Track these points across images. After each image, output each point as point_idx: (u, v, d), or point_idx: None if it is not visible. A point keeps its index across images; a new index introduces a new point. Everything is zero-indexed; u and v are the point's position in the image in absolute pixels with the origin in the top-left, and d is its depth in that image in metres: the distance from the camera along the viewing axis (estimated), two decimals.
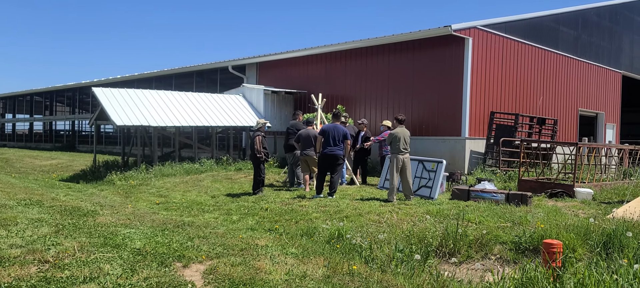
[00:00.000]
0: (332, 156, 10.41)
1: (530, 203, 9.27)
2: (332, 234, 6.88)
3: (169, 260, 4.98)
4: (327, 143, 10.41)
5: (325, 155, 10.45)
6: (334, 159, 10.43)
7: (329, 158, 10.44)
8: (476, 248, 6.81)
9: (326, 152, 10.42)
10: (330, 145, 10.39)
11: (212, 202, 10.28)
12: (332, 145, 10.39)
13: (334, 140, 10.38)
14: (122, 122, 14.58)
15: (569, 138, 18.87)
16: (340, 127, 10.58)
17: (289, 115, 18.83)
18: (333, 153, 10.39)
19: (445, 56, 15.15)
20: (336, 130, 10.45)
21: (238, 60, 21.46)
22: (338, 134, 10.42)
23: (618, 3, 21.92)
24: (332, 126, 10.56)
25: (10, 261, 4.59)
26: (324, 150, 10.46)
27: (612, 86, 21.88)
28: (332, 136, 10.39)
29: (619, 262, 5.39)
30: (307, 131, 11.28)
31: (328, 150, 10.40)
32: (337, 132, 10.42)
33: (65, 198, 9.10)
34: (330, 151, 10.39)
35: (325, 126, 10.72)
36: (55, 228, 6.02)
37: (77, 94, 33.93)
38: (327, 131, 10.47)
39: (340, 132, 10.45)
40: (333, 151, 10.39)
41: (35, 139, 38.40)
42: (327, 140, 10.41)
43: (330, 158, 10.43)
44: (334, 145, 10.38)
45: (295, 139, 11.55)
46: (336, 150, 10.39)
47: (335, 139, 10.38)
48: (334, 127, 10.50)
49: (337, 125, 10.57)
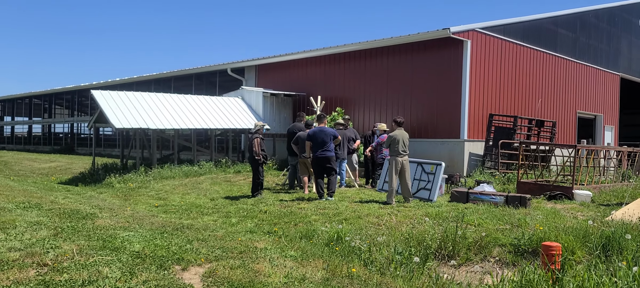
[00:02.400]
0: (323, 158, 10.50)
1: (529, 206, 9.28)
2: (331, 237, 6.89)
3: (167, 263, 4.97)
4: (317, 147, 10.49)
5: (317, 158, 10.54)
6: (325, 161, 10.51)
7: (321, 161, 10.52)
8: (475, 251, 6.81)
9: (317, 156, 10.51)
10: (320, 148, 10.46)
11: (211, 204, 10.27)
12: (322, 148, 10.45)
13: (323, 143, 10.45)
14: (121, 125, 14.57)
15: (568, 140, 18.89)
16: (328, 129, 10.70)
17: (288, 117, 18.83)
18: (324, 155, 10.49)
19: (444, 58, 15.17)
20: (323, 132, 10.53)
21: (237, 63, 21.47)
22: (326, 136, 10.50)
23: (616, 5, 21.98)
24: (318, 129, 10.66)
25: (8, 264, 4.57)
26: (314, 154, 10.55)
27: (611, 88, 21.92)
28: (320, 139, 10.48)
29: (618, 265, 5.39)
30: (305, 134, 11.31)
31: (319, 154, 10.49)
32: (325, 134, 10.50)
33: (64, 201, 9.08)
34: (321, 154, 10.48)
35: (311, 131, 10.81)
36: (54, 231, 6.01)
37: (76, 97, 33.89)
38: (314, 135, 10.57)
39: (328, 134, 10.54)
40: (324, 154, 10.48)
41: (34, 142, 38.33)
42: (316, 145, 10.49)
43: (322, 160, 10.52)
44: (323, 147, 10.44)
45: (293, 141, 11.57)
46: (327, 152, 10.49)
47: (324, 141, 10.46)
48: (320, 130, 10.59)
49: (324, 128, 10.68)
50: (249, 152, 11.51)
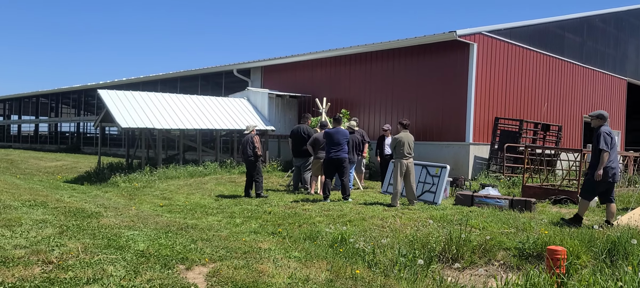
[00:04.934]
0: (337, 160, 10.52)
1: (534, 210, 9.24)
2: (335, 238, 6.88)
3: (172, 262, 4.99)
4: (331, 147, 10.50)
5: (330, 159, 10.56)
6: (339, 162, 10.54)
7: (335, 162, 10.55)
8: (480, 254, 6.79)
9: (331, 156, 10.52)
10: (334, 149, 10.48)
11: (215, 204, 10.29)
12: (337, 149, 10.47)
13: (338, 144, 10.46)
14: (126, 124, 14.63)
15: (574, 144, 18.81)
16: (342, 130, 10.71)
17: (293, 118, 18.84)
18: (338, 156, 10.51)
19: (449, 62, 15.15)
20: (339, 134, 10.58)
21: (243, 64, 21.51)
22: (341, 137, 10.52)
23: (623, 10, 21.88)
24: (334, 130, 10.69)
25: (14, 261, 4.60)
26: (328, 154, 10.56)
27: (618, 93, 21.80)
28: (335, 140, 10.51)
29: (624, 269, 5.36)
30: (320, 134, 11.35)
31: (333, 154, 10.50)
32: (340, 136, 10.53)
33: (69, 200, 9.13)
34: (336, 155, 10.51)
35: (328, 130, 10.85)
36: (59, 229, 6.04)
37: (83, 96, 34.07)
38: (332, 135, 10.57)
39: (343, 136, 10.55)
40: (338, 155, 10.51)
41: (40, 141, 38.54)
42: (331, 144, 10.50)
43: (335, 162, 10.55)
44: (338, 148, 10.47)
45: (310, 143, 11.53)
46: (341, 153, 10.51)
47: (339, 142, 10.48)
48: (336, 131, 10.63)
49: (339, 129, 10.71)
50: (243, 153, 11.48)
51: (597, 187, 7.88)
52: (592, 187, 7.94)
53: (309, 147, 11.54)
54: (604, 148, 7.63)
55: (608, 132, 7.77)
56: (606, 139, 7.68)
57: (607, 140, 7.68)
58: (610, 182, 7.87)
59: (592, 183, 7.88)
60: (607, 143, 7.66)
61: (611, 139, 7.75)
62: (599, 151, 7.69)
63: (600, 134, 7.71)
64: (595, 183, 7.82)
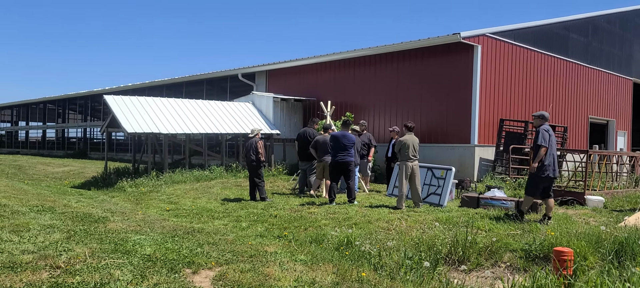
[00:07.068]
0: (343, 163, 10.51)
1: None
2: (341, 241, 6.89)
3: (178, 266, 5.01)
4: (338, 150, 10.49)
5: (336, 162, 10.55)
6: (345, 166, 10.53)
7: (340, 166, 10.54)
8: (486, 256, 6.78)
9: (337, 160, 10.51)
10: (340, 153, 10.47)
11: (221, 208, 10.32)
12: (343, 153, 10.47)
13: (344, 147, 10.46)
14: (133, 130, 14.70)
15: (580, 146, 18.72)
16: (350, 134, 10.68)
17: (298, 122, 18.86)
18: (344, 160, 10.50)
19: (454, 63, 15.13)
20: (346, 138, 10.55)
21: (248, 68, 21.57)
22: (348, 141, 10.51)
23: (629, 10, 21.78)
24: (340, 134, 10.67)
25: (22, 266, 4.64)
26: (334, 158, 10.56)
27: (624, 93, 21.69)
28: (342, 144, 10.49)
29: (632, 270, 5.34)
30: (324, 138, 11.35)
31: (339, 158, 10.50)
32: (347, 140, 10.52)
33: (76, 205, 9.18)
34: (342, 158, 10.50)
35: (335, 133, 10.84)
36: (67, 234, 6.08)
37: (89, 102, 34.27)
38: (338, 139, 10.56)
39: (350, 140, 10.55)
40: (344, 158, 10.51)
41: (47, 146, 38.79)
42: (338, 148, 10.50)
43: (341, 165, 10.54)
44: (344, 152, 10.46)
45: (312, 146, 11.55)
46: (347, 157, 10.50)
47: (345, 146, 10.47)
48: (343, 135, 10.60)
49: (346, 133, 10.67)
50: (246, 157, 11.53)
51: (539, 183, 8.40)
52: (534, 184, 8.47)
53: (311, 149, 11.56)
54: (543, 144, 8.22)
55: (546, 130, 8.38)
56: (544, 135, 8.29)
57: (546, 136, 8.27)
58: (550, 178, 8.40)
59: (534, 180, 8.44)
60: (545, 139, 8.26)
61: (549, 136, 8.32)
62: (537, 146, 8.30)
63: (539, 131, 8.35)
64: (538, 180, 8.36)
